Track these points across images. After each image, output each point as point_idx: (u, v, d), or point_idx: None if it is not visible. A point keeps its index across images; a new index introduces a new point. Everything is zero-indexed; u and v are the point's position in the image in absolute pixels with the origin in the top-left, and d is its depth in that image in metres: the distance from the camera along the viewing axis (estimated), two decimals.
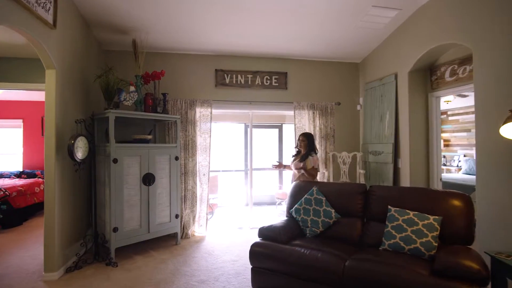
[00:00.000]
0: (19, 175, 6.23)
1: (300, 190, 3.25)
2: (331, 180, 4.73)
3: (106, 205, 3.48)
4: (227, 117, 6.92)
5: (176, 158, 4.08)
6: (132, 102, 3.67)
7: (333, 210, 2.93)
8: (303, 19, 3.87)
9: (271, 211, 6.32)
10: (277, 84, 4.91)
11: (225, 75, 4.76)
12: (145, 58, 4.04)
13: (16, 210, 5.00)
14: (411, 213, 2.52)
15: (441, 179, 3.94)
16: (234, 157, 7.33)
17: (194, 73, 4.69)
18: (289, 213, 3.21)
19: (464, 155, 7.37)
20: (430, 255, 2.33)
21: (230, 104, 4.80)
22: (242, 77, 4.81)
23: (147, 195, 3.74)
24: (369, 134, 4.81)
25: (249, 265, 2.86)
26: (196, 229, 4.52)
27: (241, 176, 7.29)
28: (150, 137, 3.99)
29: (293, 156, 4.08)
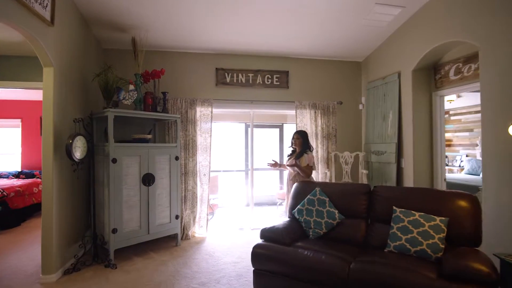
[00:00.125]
0: (17, 175, 6.17)
1: (303, 190, 3.19)
2: (333, 180, 4.68)
3: (105, 205, 3.43)
4: (227, 116, 6.86)
5: (176, 158, 4.02)
6: (132, 101, 3.61)
7: (336, 211, 2.87)
8: (305, 17, 3.82)
9: (272, 212, 6.26)
10: (278, 83, 4.85)
11: (226, 74, 4.70)
12: (145, 56, 3.98)
13: (14, 211, 4.94)
14: (417, 214, 2.46)
15: (445, 179, 3.88)
16: (235, 157, 7.28)
17: (194, 72, 4.63)
18: (292, 214, 3.15)
19: (467, 155, 7.31)
20: (437, 257, 2.28)
21: (231, 103, 4.74)
22: (243, 76, 4.75)
23: (146, 195, 3.68)
24: (371, 133, 4.76)
25: (251, 267, 2.80)
26: (197, 230, 4.46)
27: (241, 176, 7.23)
28: (149, 136, 3.93)
29: (288, 155, 3.98)
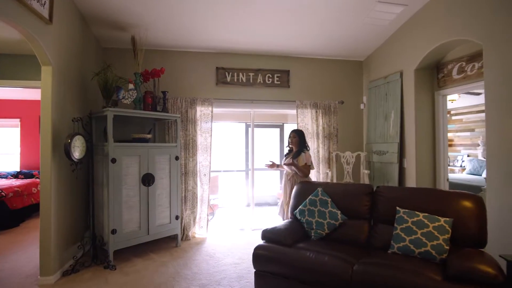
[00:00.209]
0: (16, 175, 6.13)
1: (304, 191, 3.15)
2: (335, 180, 4.64)
3: (104, 206, 3.38)
4: (227, 116, 6.83)
5: (176, 158, 3.98)
6: (131, 100, 3.58)
7: (339, 212, 2.83)
8: (306, 16, 3.78)
9: (273, 212, 6.21)
10: (279, 82, 4.81)
11: (226, 73, 4.66)
12: (145, 55, 3.94)
13: (12, 211, 4.90)
14: (421, 214, 2.42)
15: (447, 180, 3.84)
16: (235, 157, 7.24)
17: (194, 71, 4.59)
18: (293, 214, 3.11)
19: (468, 155, 7.28)
20: (441, 259, 2.24)
21: (231, 102, 4.70)
22: (243, 75, 4.71)
23: (146, 196, 3.63)
24: (373, 133, 4.72)
25: (252, 269, 2.77)
26: (197, 231, 4.42)
27: (242, 176, 7.19)
28: (149, 136, 3.89)
29: (285, 154, 3.90)
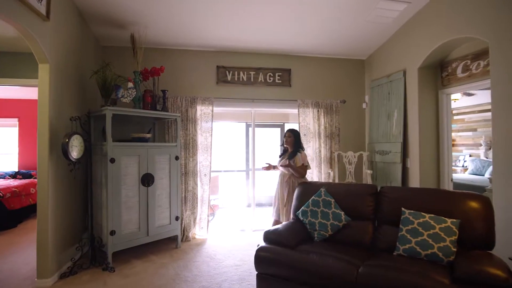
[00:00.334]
0: (14, 175, 6.06)
1: (307, 191, 3.09)
2: (337, 180, 4.58)
3: (103, 207, 3.32)
4: (228, 116, 6.77)
5: (176, 158, 3.92)
6: (130, 99, 3.52)
7: (342, 213, 2.77)
8: (307, 14, 3.72)
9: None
10: (280, 81, 4.75)
11: (227, 72, 4.60)
12: (144, 53, 3.88)
13: (10, 212, 4.84)
14: (427, 215, 2.37)
15: (452, 180, 3.79)
16: (235, 157, 7.18)
17: (194, 70, 4.53)
18: (295, 215, 3.06)
19: (470, 155, 7.23)
20: (448, 261, 2.18)
21: (232, 101, 4.64)
22: (244, 74, 4.65)
23: (146, 196, 3.57)
24: (375, 133, 4.66)
25: (254, 270, 2.71)
26: (197, 232, 4.36)
27: (242, 176, 7.13)
28: (149, 135, 3.83)
29: (280, 155, 3.77)
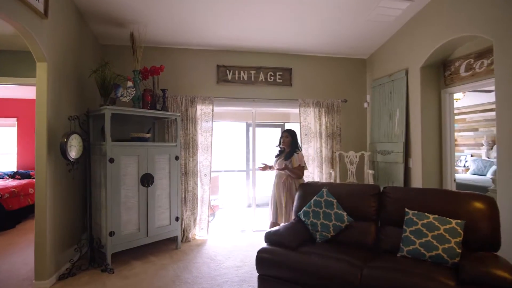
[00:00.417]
0: (13, 175, 6.02)
1: (309, 191, 3.05)
2: (338, 180, 4.54)
3: (102, 207, 3.28)
4: (228, 115, 6.73)
5: (176, 158, 3.88)
6: (130, 99, 3.47)
7: (345, 213, 2.73)
8: (308, 12, 3.68)
9: None
10: (281, 80, 4.71)
11: (227, 71, 4.56)
12: (144, 52, 3.84)
13: (8, 212, 4.79)
14: (431, 216, 2.33)
15: (455, 180, 3.76)
16: (236, 157, 7.13)
17: (195, 69, 4.48)
18: (297, 216, 3.02)
19: (471, 155, 7.20)
20: (453, 263, 2.15)
21: (233, 101, 4.59)
22: (245, 73, 4.61)
23: (145, 196, 3.53)
24: (377, 132, 4.62)
25: (255, 272, 2.68)
26: (197, 232, 4.31)
27: (242, 176, 7.09)
28: (148, 135, 3.78)
29: (276, 156, 3.74)
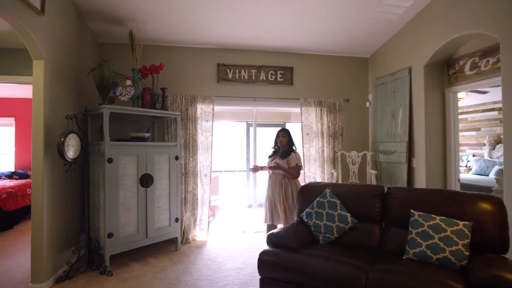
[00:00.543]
0: (10, 175, 5.95)
1: (311, 192, 2.99)
2: (340, 181, 4.48)
3: (100, 208, 3.22)
4: (228, 115, 6.66)
5: (176, 158, 3.82)
6: (129, 97, 3.41)
7: (348, 215, 2.67)
8: (310, 10, 3.63)
9: None
10: (282, 79, 4.65)
11: (228, 70, 4.49)
12: (143, 51, 3.78)
13: (6, 213, 4.73)
14: (437, 218, 2.27)
15: (459, 180, 3.70)
16: (236, 157, 7.07)
17: (195, 68, 4.42)
18: (299, 217, 2.96)
19: (473, 155, 7.14)
20: (461, 266, 2.09)
21: (233, 100, 4.53)
22: (245, 72, 4.55)
23: (144, 197, 3.47)
24: (379, 132, 4.56)
25: (256, 274, 2.62)
26: (197, 233, 4.25)
27: (243, 176, 7.03)
28: (148, 135, 3.72)
29: (269, 156, 3.66)
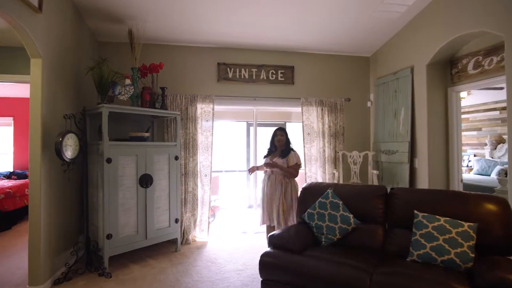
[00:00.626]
0: (9, 176, 5.89)
1: (313, 192, 2.96)
2: (341, 181, 4.44)
3: (99, 209, 3.18)
4: (228, 114, 6.62)
5: (176, 158, 3.78)
6: (128, 97, 3.37)
7: (351, 216, 2.64)
8: (311, 9, 3.58)
9: None
10: (283, 79, 4.61)
11: (228, 69, 4.45)
12: (143, 50, 3.73)
13: (4, 214, 4.68)
14: (442, 219, 2.24)
15: (461, 180, 3.66)
16: (236, 157, 7.03)
17: (195, 67, 4.38)
18: (301, 218, 2.92)
19: (474, 155, 7.11)
20: (466, 268, 2.06)
21: (233, 100, 4.49)
22: (246, 71, 4.51)
23: (144, 198, 3.43)
24: (381, 132, 4.52)
25: (257, 276, 2.58)
26: (197, 234, 4.21)
27: (243, 176, 6.99)
28: (147, 134, 3.68)
29: (265, 156, 3.63)
